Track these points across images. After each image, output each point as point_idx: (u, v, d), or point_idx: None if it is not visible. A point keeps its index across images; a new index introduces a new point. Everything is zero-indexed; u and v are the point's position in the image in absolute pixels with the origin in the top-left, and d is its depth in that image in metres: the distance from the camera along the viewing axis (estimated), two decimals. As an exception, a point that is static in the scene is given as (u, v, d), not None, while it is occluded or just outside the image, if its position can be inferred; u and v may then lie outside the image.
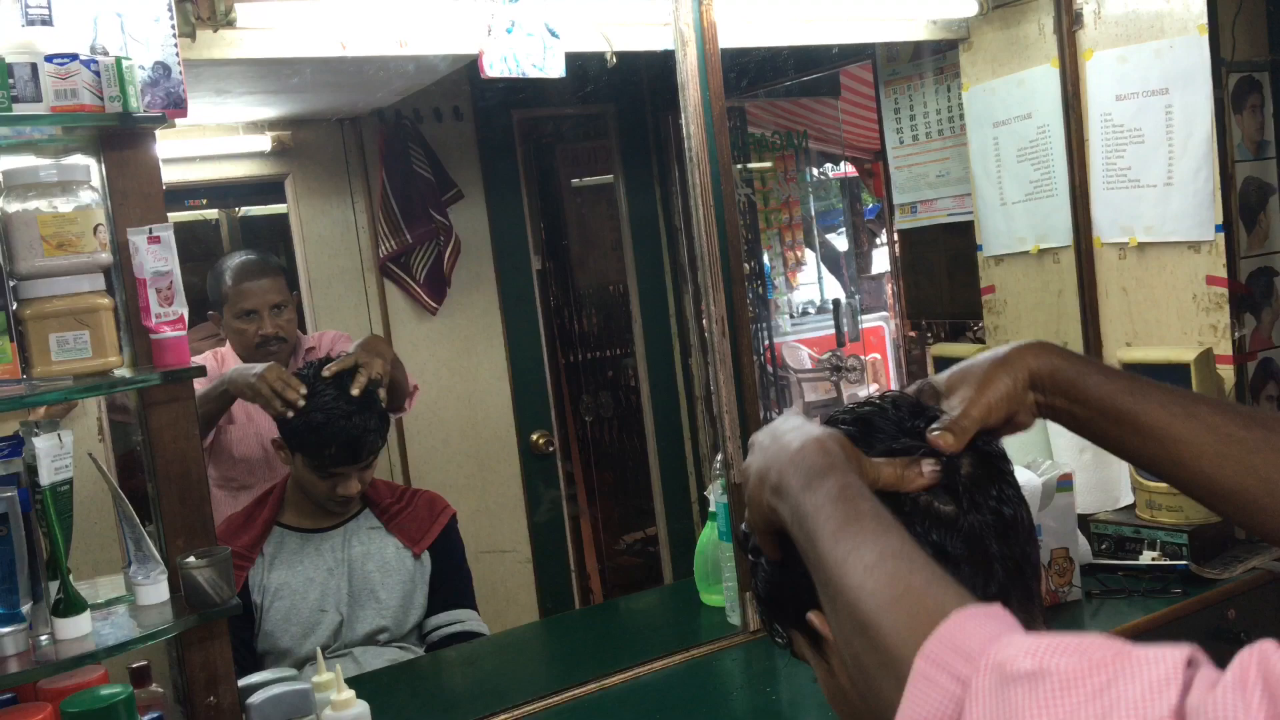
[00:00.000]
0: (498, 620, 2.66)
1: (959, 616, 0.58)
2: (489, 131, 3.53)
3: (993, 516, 0.82)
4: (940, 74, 2.93)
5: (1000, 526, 0.82)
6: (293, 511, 2.31)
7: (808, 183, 5.11)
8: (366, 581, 2.27)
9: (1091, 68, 2.40)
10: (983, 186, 2.70)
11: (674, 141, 3.66)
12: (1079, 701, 0.50)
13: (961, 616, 0.58)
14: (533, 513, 3.62)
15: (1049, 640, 0.54)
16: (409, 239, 3.33)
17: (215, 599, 1.53)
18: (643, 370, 3.89)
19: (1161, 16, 2.24)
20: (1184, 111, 2.23)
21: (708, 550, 2.24)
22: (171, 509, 1.57)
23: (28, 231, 1.42)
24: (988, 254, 2.74)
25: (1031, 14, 2.48)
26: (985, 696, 0.53)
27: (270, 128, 3.16)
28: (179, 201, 3.24)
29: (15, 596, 1.40)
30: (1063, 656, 0.52)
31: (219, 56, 1.74)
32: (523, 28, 1.91)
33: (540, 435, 3.63)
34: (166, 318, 1.53)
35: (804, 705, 1.83)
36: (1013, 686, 0.52)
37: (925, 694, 0.56)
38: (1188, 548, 2.13)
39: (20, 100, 1.40)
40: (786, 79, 3.82)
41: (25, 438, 1.47)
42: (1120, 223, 2.40)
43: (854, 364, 4.48)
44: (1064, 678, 0.51)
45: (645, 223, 3.84)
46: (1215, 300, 2.25)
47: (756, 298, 4.16)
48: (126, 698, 1.41)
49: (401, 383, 2.41)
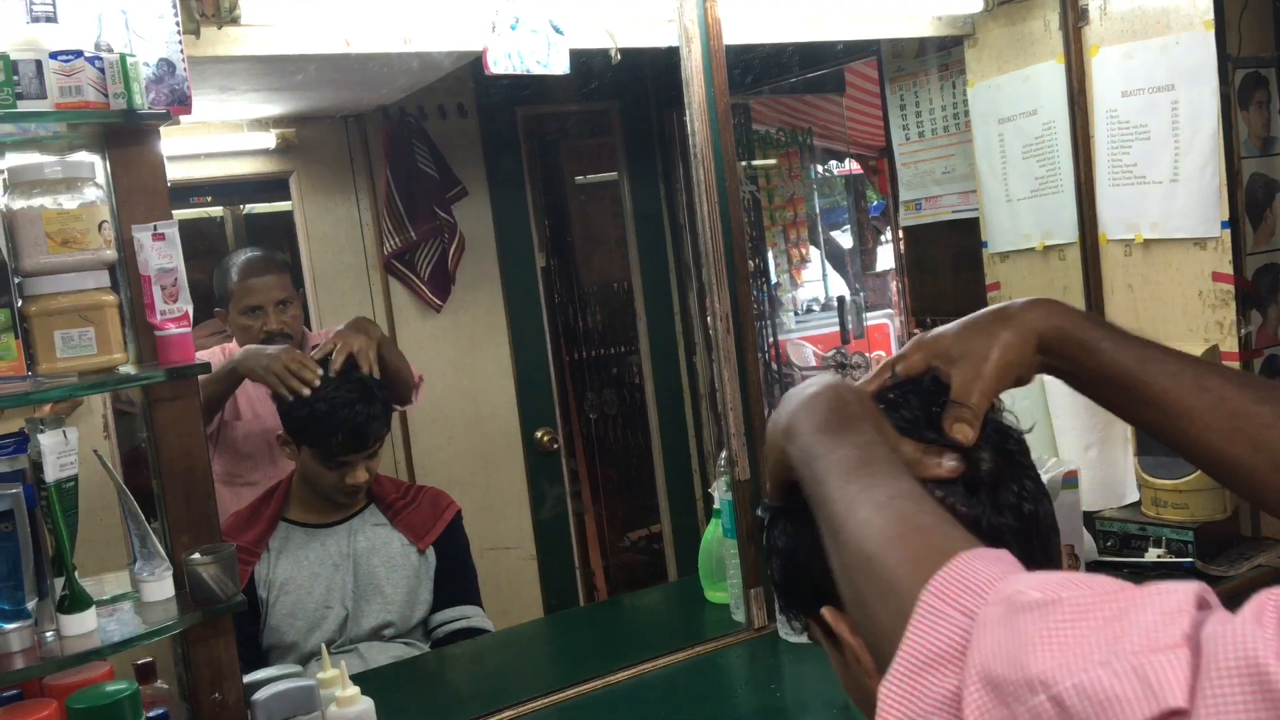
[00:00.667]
0: (502, 617, 2.66)
1: (967, 556, 0.58)
2: (493, 128, 3.53)
3: (1013, 516, 0.81)
4: (945, 70, 2.92)
5: (1020, 526, 0.82)
6: (298, 507, 2.32)
7: (812, 180, 5.10)
8: (372, 577, 2.27)
9: (1097, 64, 2.39)
10: (988, 183, 2.70)
11: (678, 138, 3.66)
12: (1091, 627, 0.50)
13: (969, 556, 0.58)
14: (537, 509, 3.62)
15: (1059, 575, 0.54)
16: (413, 236, 3.33)
17: (220, 595, 1.53)
18: (647, 367, 3.89)
19: (1167, 12, 2.24)
20: (1190, 107, 2.23)
21: (712, 547, 2.24)
22: (176, 505, 1.57)
23: (33, 228, 1.42)
24: (993, 250, 2.73)
25: (1037, 10, 2.47)
26: (993, 625, 0.53)
27: (275, 125, 3.16)
28: (184, 199, 3.25)
29: (21, 593, 1.41)
30: (1073, 589, 0.52)
31: (223, 53, 1.74)
32: (527, 24, 1.91)
33: (544, 432, 3.63)
34: (171, 314, 1.53)
35: (808, 702, 1.83)
36: (1022, 614, 0.52)
37: (932, 626, 0.55)
38: (1193, 545, 2.12)
39: (25, 97, 1.40)
40: (791, 76, 3.81)
41: (30, 434, 1.47)
42: (1126, 219, 2.39)
43: (858, 361, 4.47)
44: (1075, 605, 0.51)
45: (649, 220, 3.84)
46: (1221, 297, 2.24)
47: (761, 294, 4.16)
48: (132, 694, 1.41)
49: (400, 368, 2.42)
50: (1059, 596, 0.52)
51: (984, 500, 0.81)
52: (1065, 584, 0.53)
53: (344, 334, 2.29)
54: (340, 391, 2.20)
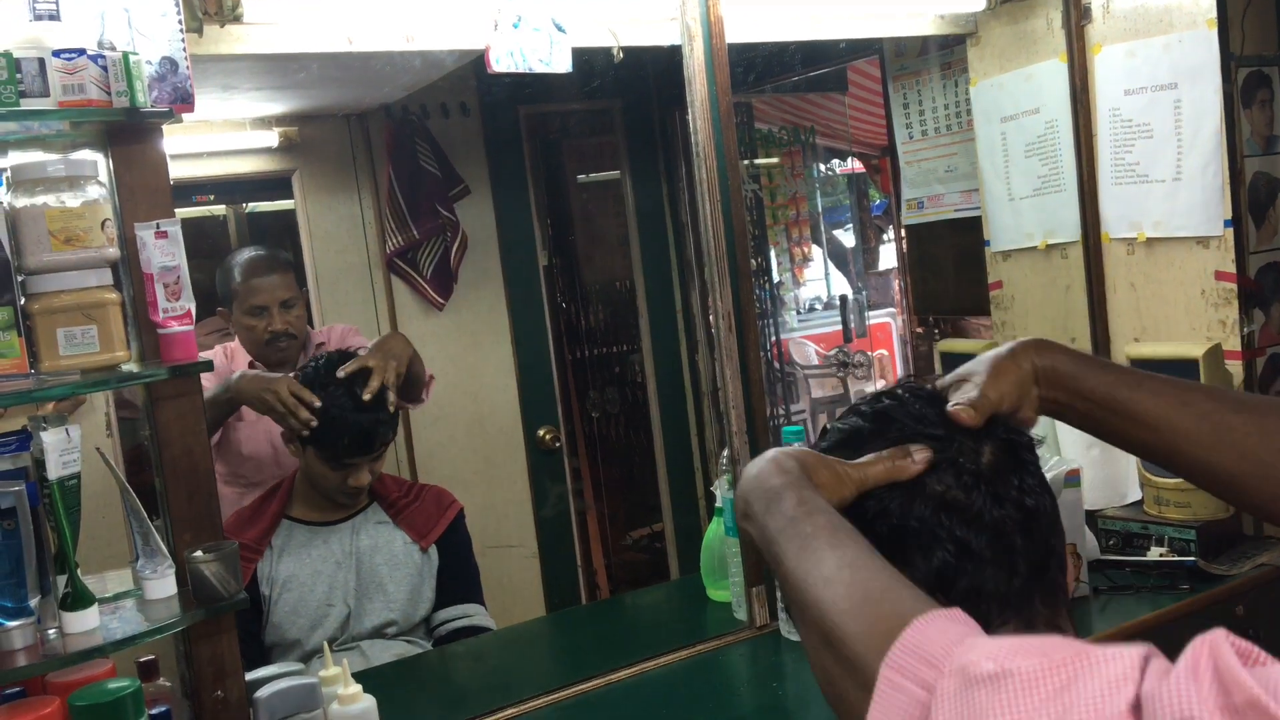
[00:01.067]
0: (504, 615, 2.66)
1: (920, 623, 0.59)
2: (495, 127, 3.54)
3: (1014, 509, 0.82)
4: (948, 69, 2.92)
5: (1023, 519, 0.82)
6: (301, 505, 2.32)
7: (815, 178, 5.09)
8: (374, 574, 2.27)
9: (1100, 62, 2.39)
10: (990, 182, 2.69)
11: (680, 137, 3.66)
12: (1040, 701, 0.51)
13: (922, 623, 0.59)
14: (539, 508, 3.62)
15: (1010, 642, 0.56)
16: (416, 234, 3.33)
17: (222, 593, 1.53)
18: (649, 366, 3.89)
19: (1170, 11, 2.24)
20: (1193, 106, 2.22)
21: (714, 545, 2.24)
22: (179, 503, 1.58)
23: (35, 226, 1.42)
24: (995, 249, 2.73)
25: (1039, 8, 2.47)
26: (950, 700, 0.54)
27: (277, 123, 3.17)
28: (186, 197, 3.25)
29: (23, 590, 1.41)
30: (1023, 659, 0.54)
31: (226, 52, 1.74)
32: (529, 23, 1.91)
33: (547, 431, 3.63)
34: (174, 313, 1.53)
35: (810, 700, 1.83)
36: (976, 689, 0.53)
37: (892, 701, 0.57)
38: (1195, 544, 2.12)
39: (28, 95, 1.40)
40: (794, 74, 3.82)
41: (33, 432, 1.47)
42: (1128, 218, 2.39)
43: (861, 360, 4.47)
44: (1025, 678, 0.53)
45: (652, 218, 3.84)
46: (1224, 296, 2.24)
47: (763, 293, 4.16)
48: (134, 691, 1.41)
49: (419, 374, 2.42)
50: (1010, 668, 0.53)
51: (983, 492, 0.81)
52: (1017, 651, 0.54)
53: (381, 358, 2.24)
54: (350, 397, 2.20)
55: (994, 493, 0.81)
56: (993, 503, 0.81)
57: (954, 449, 0.83)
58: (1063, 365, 0.89)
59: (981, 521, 0.80)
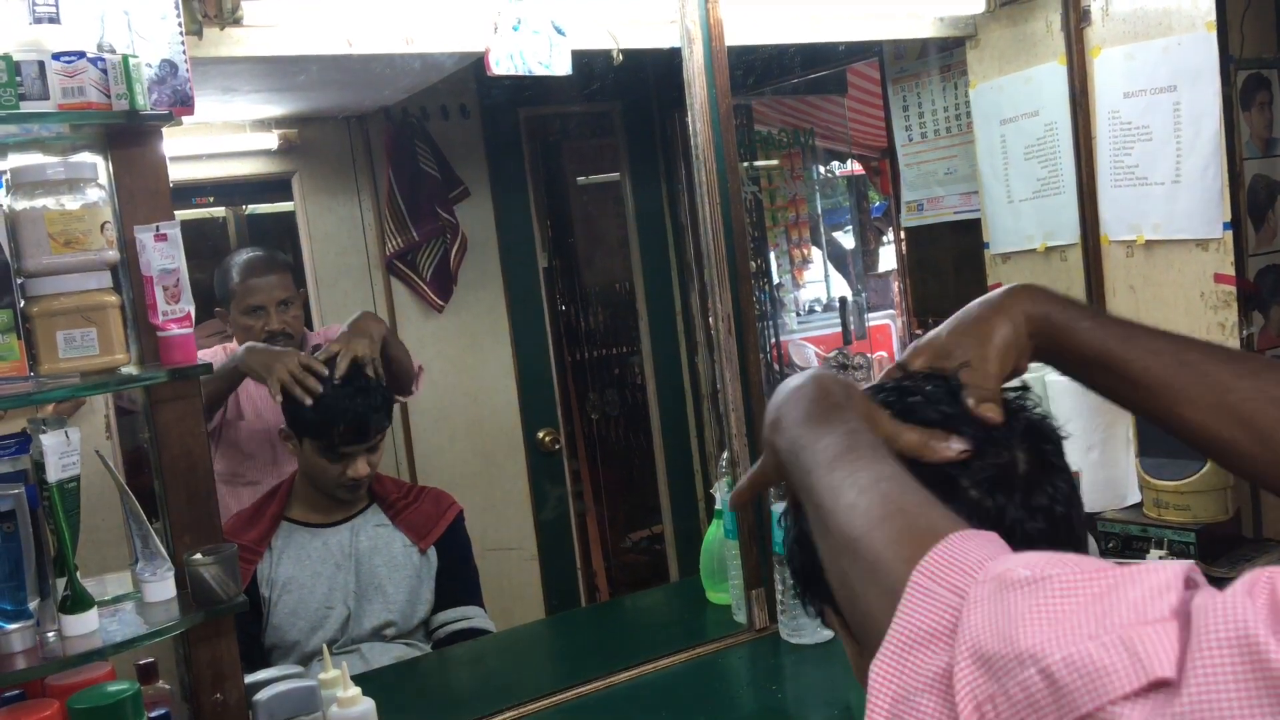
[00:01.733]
0: (504, 617, 2.66)
1: (957, 537, 0.58)
2: (495, 129, 3.54)
3: (1045, 519, 0.80)
4: (947, 71, 2.92)
5: (1051, 529, 0.81)
6: (300, 506, 2.32)
7: (814, 180, 5.09)
8: (374, 576, 2.28)
9: (1099, 65, 2.39)
10: (990, 184, 2.69)
11: (680, 139, 3.66)
12: (1080, 603, 0.50)
13: (960, 537, 0.58)
14: (539, 510, 3.62)
15: (1048, 555, 0.55)
16: (415, 236, 3.33)
17: (222, 596, 1.53)
18: (649, 368, 3.89)
19: (1169, 13, 2.24)
20: (1192, 109, 2.23)
21: (714, 548, 2.24)
22: (178, 506, 1.58)
23: (35, 229, 1.42)
24: (995, 251, 2.73)
25: (1039, 11, 2.47)
26: (983, 602, 0.53)
27: (277, 125, 3.17)
28: (186, 199, 3.25)
29: (23, 593, 1.41)
30: (1062, 567, 0.53)
31: (226, 54, 1.74)
32: (529, 25, 1.91)
33: (546, 433, 3.63)
34: (173, 315, 1.53)
35: (809, 703, 1.83)
36: (1011, 591, 0.52)
37: (923, 605, 0.56)
38: (1195, 546, 2.12)
39: (28, 98, 1.41)
40: (793, 76, 3.81)
41: (33, 435, 1.47)
42: (1128, 220, 2.39)
43: (860, 362, 4.47)
44: (1064, 582, 0.52)
45: (651, 220, 3.84)
46: (1223, 298, 2.24)
47: (762, 295, 4.16)
48: (133, 694, 1.41)
49: (402, 360, 2.44)
50: (1048, 574, 0.52)
51: (1017, 503, 0.80)
52: (1054, 563, 0.53)
53: (348, 337, 2.30)
54: (342, 384, 2.22)
55: (1028, 504, 0.80)
56: (1025, 514, 0.80)
57: (990, 455, 0.81)
58: (1056, 315, 0.86)
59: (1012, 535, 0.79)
